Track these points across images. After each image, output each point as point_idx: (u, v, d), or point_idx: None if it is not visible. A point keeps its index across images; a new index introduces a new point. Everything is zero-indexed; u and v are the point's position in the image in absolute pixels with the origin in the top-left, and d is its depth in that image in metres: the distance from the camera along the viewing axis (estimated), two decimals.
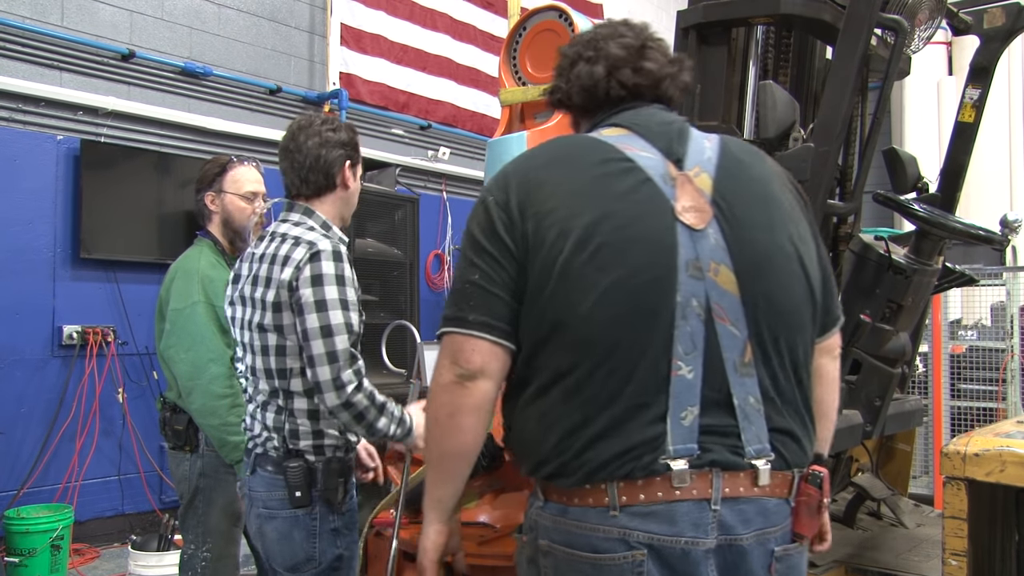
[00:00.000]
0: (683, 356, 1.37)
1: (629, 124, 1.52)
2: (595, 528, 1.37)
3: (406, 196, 6.13)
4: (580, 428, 1.38)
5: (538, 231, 1.41)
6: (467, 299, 1.45)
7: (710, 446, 1.37)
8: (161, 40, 5.52)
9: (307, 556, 2.14)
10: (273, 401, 2.16)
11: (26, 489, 4.49)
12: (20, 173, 4.81)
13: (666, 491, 1.35)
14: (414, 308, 5.76)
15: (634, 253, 1.38)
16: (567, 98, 1.61)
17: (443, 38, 7.28)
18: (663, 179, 1.43)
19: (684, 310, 1.37)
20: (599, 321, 1.37)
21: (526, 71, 2.48)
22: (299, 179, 2.22)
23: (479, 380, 1.45)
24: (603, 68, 1.55)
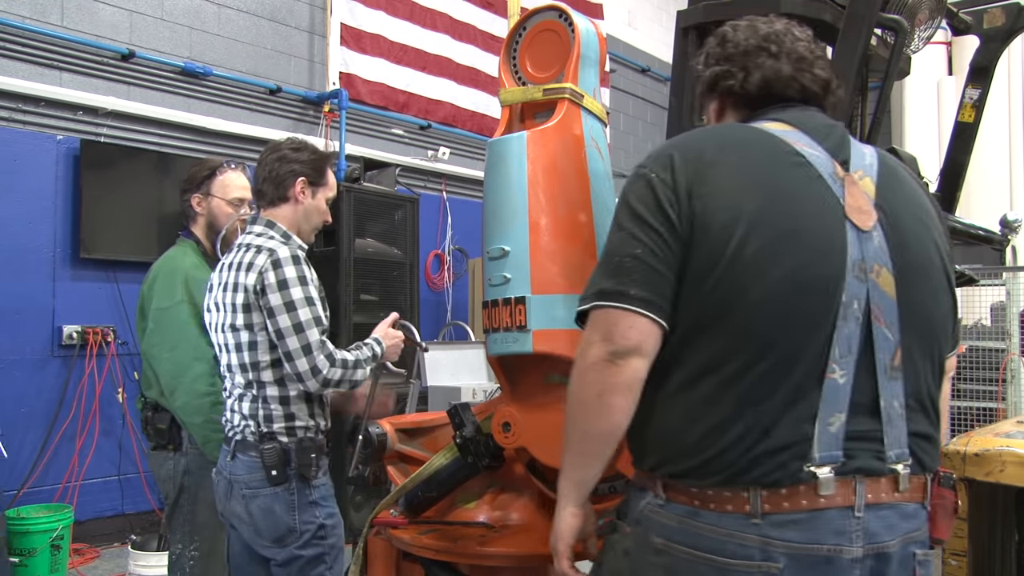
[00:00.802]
0: (838, 359, 1.35)
1: (795, 122, 1.49)
2: (731, 534, 1.33)
3: (406, 196, 6.13)
4: (728, 424, 1.34)
5: (707, 213, 1.37)
6: (628, 273, 1.40)
7: (855, 452, 1.35)
8: (161, 40, 5.52)
9: (289, 528, 2.39)
10: (248, 392, 2.42)
11: (26, 489, 4.49)
12: (20, 173, 4.81)
13: (811, 499, 1.32)
14: (414, 308, 5.76)
15: (806, 248, 1.36)
16: (741, 86, 1.56)
17: (443, 38, 7.28)
18: (832, 178, 1.41)
19: (846, 311, 1.35)
20: (766, 312, 1.34)
21: (526, 71, 2.48)
22: (257, 189, 2.53)
23: (632, 358, 1.39)
24: (789, 66, 1.53)
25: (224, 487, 2.49)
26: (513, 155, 2.30)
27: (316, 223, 2.60)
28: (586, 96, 2.38)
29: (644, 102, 9.74)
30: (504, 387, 2.46)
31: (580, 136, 2.36)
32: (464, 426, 2.53)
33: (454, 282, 7.32)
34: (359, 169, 5.83)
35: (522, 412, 2.40)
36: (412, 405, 4.83)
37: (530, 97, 2.42)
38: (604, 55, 2.49)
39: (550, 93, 2.36)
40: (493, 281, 2.36)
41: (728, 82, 1.57)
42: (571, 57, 2.36)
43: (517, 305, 2.27)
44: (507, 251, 2.32)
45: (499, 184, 2.34)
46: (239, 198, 2.95)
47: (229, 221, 2.92)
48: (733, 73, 1.56)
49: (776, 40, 1.55)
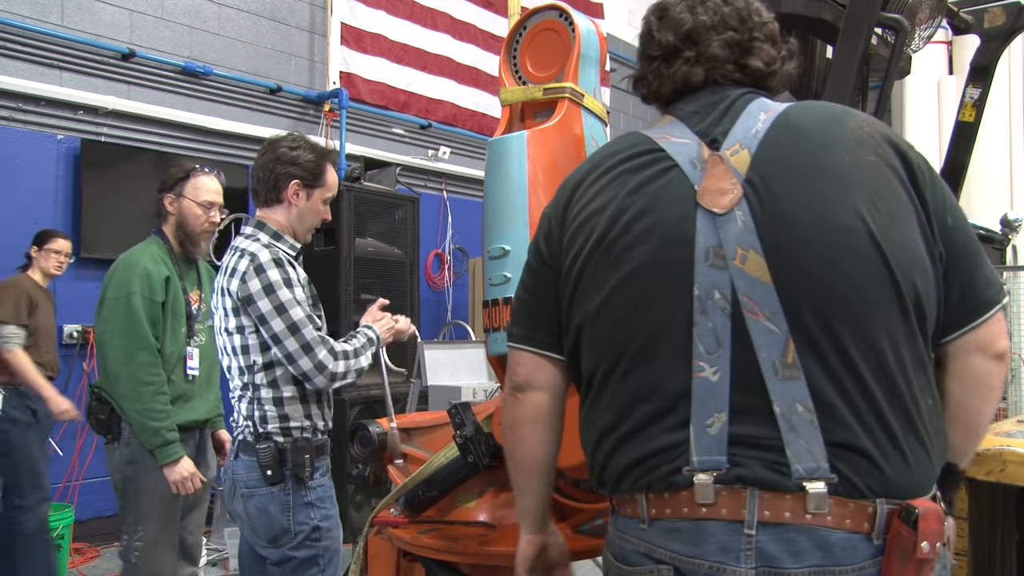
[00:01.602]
0: (705, 356, 1.22)
1: (676, 110, 1.42)
2: (628, 539, 1.30)
3: (406, 195, 6.12)
4: (606, 433, 1.32)
5: (568, 236, 1.39)
6: (515, 313, 1.48)
7: (742, 460, 1.19)
8: (161, 39, 5.52)
9: (283, 529, 2.39)
10: (245, 394, 2.43)
11: None
12: (20, 172, 4.81)
13: (691, 507, 1.21)
14: (414, 308, 5.76)
15: (644, 247, 1.28)
16: (655, 95, 1.48)
17: (443, 37, 7.28)
18: (692, 163, 1.30)
19: (704, 304, 1.23)
20: (609, 320, 1.31)
21: (526, 70, 2.48)
22: (253, 188, 2.53)
23: (528, 392, 1.43)
24: (702, 71, 1.40)
25: (229, 485, 2.51)
26: (513, 154, 2.30)
27: (311, 224, 2.58)
28: (586, 95, 2.39)
29: None
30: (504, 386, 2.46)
31: (580, 135, 2.36)
32: (464, 425, 2.54)
33: (454, 281, 7.31)
34: (359, 168, 5.83)
35: None
36: (412, 404, 4.83)
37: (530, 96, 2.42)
38: (604, 54, 2.49)
39: (550, 92, 2.36)
40: (493, 280, 2.36)
41: (642, 89, 1.51)
42: (571, 56, 2.36)
43: None
44: (507, 250, 2.32)
45: (499, 183, 2.35)
46: (209, 201, 3.04)
47: (198, 223, 3.01)
48: (647, 80, 1.48)
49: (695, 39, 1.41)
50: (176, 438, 2.84)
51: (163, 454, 2.80)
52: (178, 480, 2.82)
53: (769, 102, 1.37)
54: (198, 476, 2.88)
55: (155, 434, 2.78)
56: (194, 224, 3.01)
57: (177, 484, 2.83)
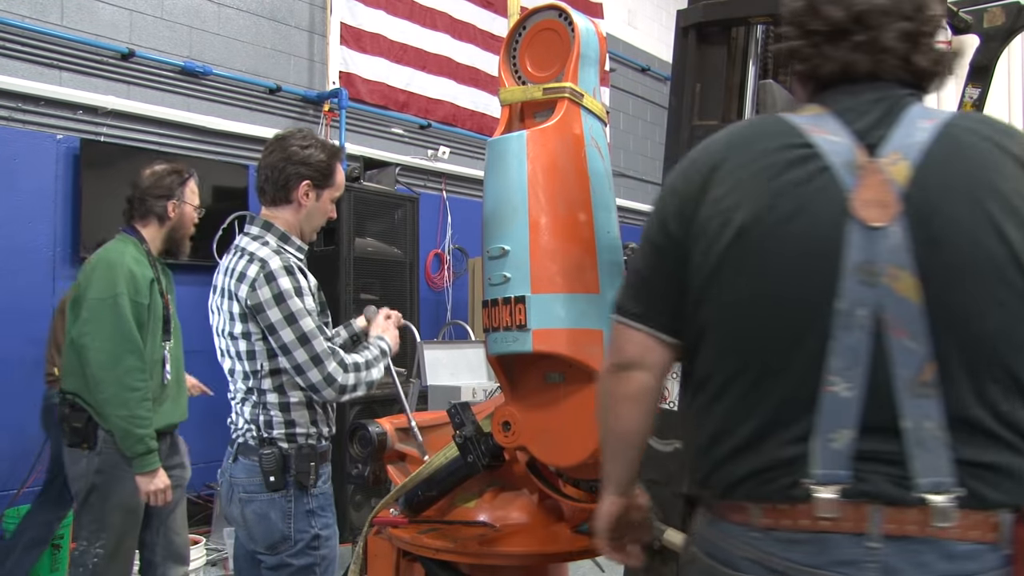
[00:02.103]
0: (840, 371, 1.21)
1: (833, 102, 1.33)
2: (736, 546, 1.28)
3: (406, 195, 6.12)
4: (721, 438, 1.30)
5: (703, 219, 1.31)
6: (631, 287, 1.42)
7: (867, 475, 1.20)
8: (161, 39, 5.52)
9: (283, 536, 2.35)
10: (249, 397, 2.39)
11: (26, 489, 4.48)
12: (20, 172, 4.81)
13: (812, 520, 1.21)
14: (414, 308, 5.76)
15: (790, 252, 1.24)
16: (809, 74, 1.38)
17: (443, 37, 7.28)
18: (846, 167, 1.24)
19: (847, 320, 1.20)
20: (741, 324, 1.27)
21: (526, 70, 2.48)
22: (259, 186, 2.45)
23: (633, 371, 1.40)
24: (869, 62, 1.32)
25: (226, 489, 2.48)
26: (513, 154, 2.30)
27: (319, 224, 2.55)
28: (586, 95, 2.38)
29: (644, 101, 9.74)
30: (504, 386, 2.46)
31: (580, 135, 2.36)
32: (464, 425, 2.54)
33: (454, 281, 7.31)
34: (359, 168, 5.83)
35: (522, 411, 2.40)
36: (412, 404, 4.84)
37: (530, 96, 2.42)
38: (604, 54, 2.49)
39: (550, 92, 2.36)
40: (493, 280, 2.36)
41: (799, 66, 1.41)
42: (571, 56, 2.36)
43: (517, 304, 2.28)
44: (507, 250, 2.32)
45: (499, 183, 2.35)
46: (198, 204, 3.11)
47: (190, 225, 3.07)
48: (807, 56, 1.37)
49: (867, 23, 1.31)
50: (156, 447, 2.80)
51: (143, 462, 2.76)
52: (152, 491, 2.79)
53: (931, 109, 1.32)
54: (170, 489, 2.85)
55: (139, 441, 2.73)
56: (188, 227, 3.05)
57: (150, 494, 2.79)
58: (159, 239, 3.02)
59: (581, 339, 2.33)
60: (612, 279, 2.43)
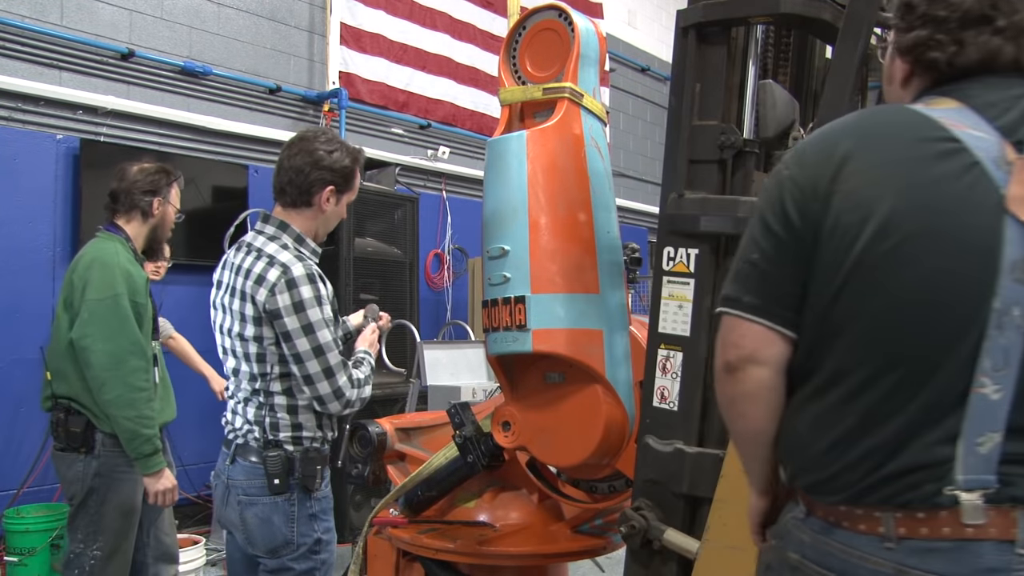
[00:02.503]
0: (990, 372, 1.17)
1: (964, 96, 1.28)
2: (864, 557, 1.22)
3: (406, 195, 6.12)
4: (855, 438, 1.24)
5: (835, 212, 1.24)
6: (745, 279, 1.34)
7: (1014, 479, 1.17)
8: (161, 39, 5.52)
9: (285, 540, 2.32)
10: (255, 398, 2.35)
11: (26, 488, 4.48)
12: (20, 172, 4.81)
13: (954, 527, 1.17)
14: (413, 308, 5.76)
15: (945, 249, 1.19)
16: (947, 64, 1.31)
17: (443, 37, 7.28)
18: (995, 163, 1.20)
19: (1001, 319, 1.16)
20: (894, 321, 1.21)
21: (526, 70, 2.48)
22: (280, 186, 2.40)
23: (749, 367, 1.32)
24: (1014, 45, 1.27)
25: (221, 491, 2.44)
26: (513, 154, 2.30)
27: (332, 227, 2.54)
28: (586, 95, 2.39)
29: (644, 101, 9.74)
30: (504, 386, 2.46)
31: (580, 135, 2.36)
32: (464, 425, 2.54)
33: (454, 281, 7.31)
34: None
35: (522, 411, 2.40)
36: (412, 404, 4.84)
37: (530, 96, 2.42)
38: (604, 54, 2.49)
39: (550, 92, 2.37)
40: (493, 280, 2.36)
41: (933, 54, 1.32)
42: (571, 56, 2.36)
43: (517, 304, 2.28)
44: (507, 250, 2.32)
45: (499, 183, 2.35)
46: (180, 209, 3.12)
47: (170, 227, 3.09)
48: (942, 44, 1.30)
49: (1008, 6, 1.27)
50: (161, 447, 2.79)
51: (150, 463, 2.74)
52: (160, 491, 2.78)
53: None
54: (176, 489, 2.84)
55: (146, 441, 2.71)
56: (167, 229, 3.07)
57: (158, 495, 2.78)
58: (142, 237, 2.99)
59: (581, 339, 2.33)
60: (612, 279, 2.43)
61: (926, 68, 1.35)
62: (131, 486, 2.82)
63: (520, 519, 2.64)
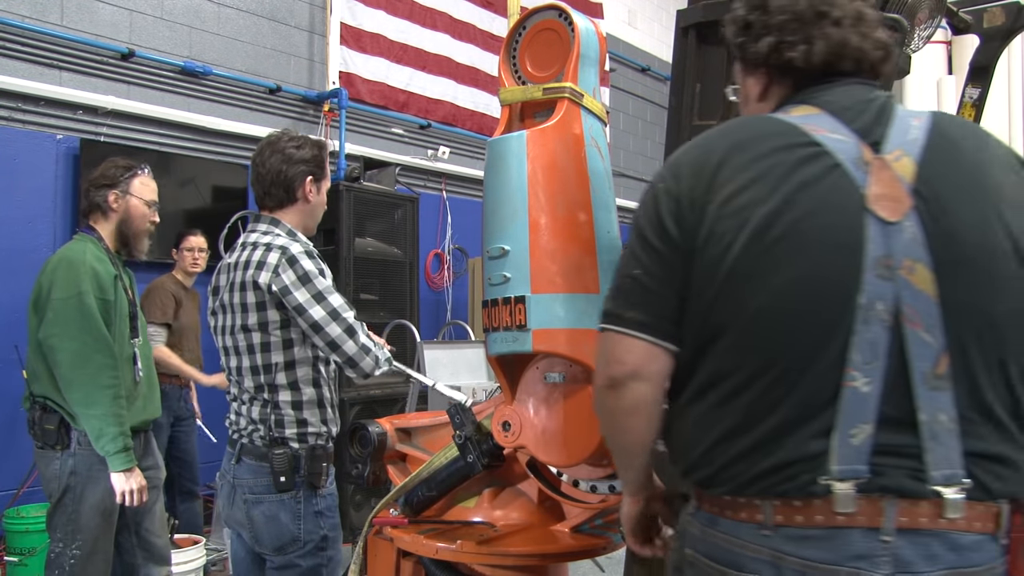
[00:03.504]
0: (860, 366, 1.21)
1: (821, 103, 1.34)
2: (744, 545, 1.27)
3: (406, 195, 6.12)
4: (735, 435, 1.28)
5: (710, 221, 1.28)
6: (626, 295, 1.36)
7: (884, 469, 1.21)
8: (161, 39, 5.52)
9: (293, 537, 2.36)
10: (259, 396, 2.37)
11: (26, 488, 4.48)
12: (20, 172, 4.81)
13: (827, 515, 1.21)
14: (414, 307, 5.76)
15: (812, 249, 1.23)
16: (804, 61, 1.37)
17: (443, 37, 7.28)
18: (855, 164, 1.26)
19: (866, 314, 1.21)
20: (766, 324, 1.25)
21: (526, 70, 2.48)
22: (263, 192, 2.47)
23: (631, 383, 1.35)
24: (855, 34, 1.35)
25: (227, 490, 2.46)
26: (513, 154, 2.30)
27: (319, 218, 2.60)
28: (586, 95, 2.39)
29: (644, 101, 9.74)
30: (504, 386, 2.46)
31: (580, 135, 2.36)
32: (464, 426, 2.54)
33: (454, 281, 7.31)
34: (359, 168, 5.83)
35: (522, 411, 2.40)
36: (412, 404, 4.84)
37: (530, 96, 2.42)
38: (604, 54, 2.49)
39: (550, 92, 2.36)
40: (493, 280, 2.36)
41: (789, 54, 1.38)
42: (571, 56, 2.36)
43: (517, 304, 2.27)
44: (507, 250, 2.32)
45: (499, 183, 2.35)
46: (153, 200, 3.03)
47: (143, 221, 2.98)
48: (794, 44, 1.36)
49: (839, 4, 1.35)
50: (131, 445, 2.76)
51: (119, 461, 2.71)
52: (127, 491, 2.74)
53: (911, 108, 1.36)
54: (146, 489, 2.80)
55: (112, 439, 2.69)
56: (140, 223, 2.97)
57: (125, 494, 2.75)
58: (111, 234, 2.95)
59: (581, 339, 2.33)
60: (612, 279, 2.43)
61: (784, 72, 1.40)
62: (108, 485, 2.78)
63: (520, 519, 2.64)
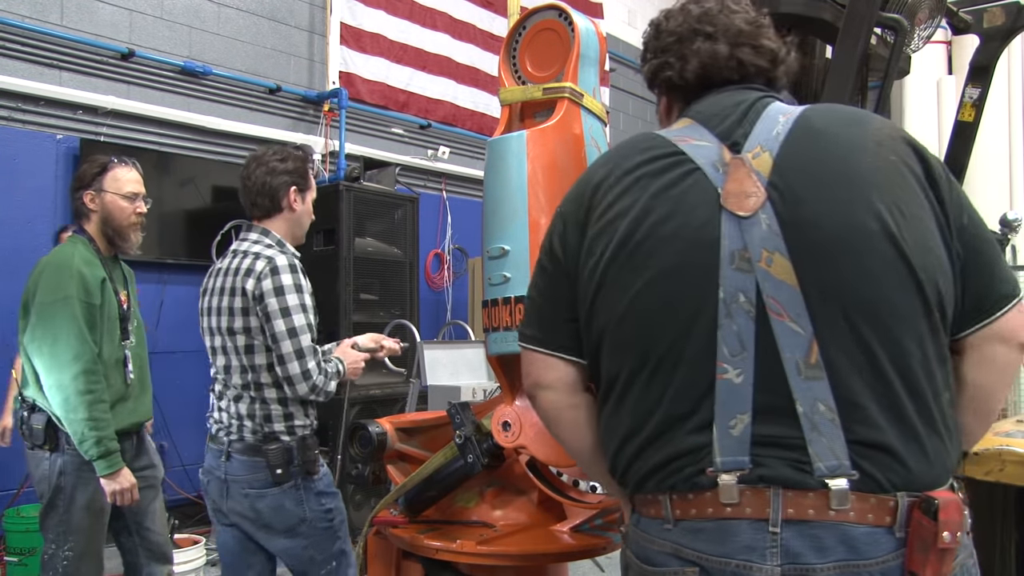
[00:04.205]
0: (729, 358, 1.24)
1: (693, 114, 1.42)
2: (652, 540, 1.31)
3: (406, 195, 6.12)
4: (630, 437, 1.34)
5: (588, 241, 1.37)
6: (527, 314, 1.49)
7: (765, 460, 1.22)
8: (161, 39, 5.52)
9: (300, 519, 2.50)
10: (246, 393, 2.49)
11: (26, 488, 4.48)
12: (20, 172, 4.81)
13: (716, 507, 1.23)
14: (414, 307, 5.76)
15: (669, 250, 1.29)
16: (679, 77, 1.46)
17: (443, 37, 7.28)
18: (714, 167, 1.31)
19: (729, 307, 1.25)
20: (633, 325, 1.31)
21: (526, 70, 2.48)
22: (250, 203, 2.61)
23: (542, 392, 1.46)
24: (726, 45, 1.42)
25: (217, 486, 2.52)
26: (513, 154, 2.30)
27: (306, 226, 2.70)
28: (586, 95, 2.39)
29: (644, 101, 9.74)
30: (504, 386, 2.46)
31: (580, 135, 2.36)
32: (463, 425, 2.54)
33: (454, 281, 7.31)
34: (359, 168, 5.83)
35: (521, 411, 2.40)
36: (412, 404, 4.84)
37: (530, 96, 2.42)
38: (604, 54, 2.49)
39: (550, 92, 2.37)
40: (493, 280, 2.36)
41: (666, 73, 1.49)
42: (571, 56, 2.36)
43: (517, 304, 2.28)
44: (507, 250, 2.32)
45: (499, 183, 2.35)
46: (133, 192, 2.96)
47: (125, 216, 2.92)
48: (671, 64, 1.47)
49: (710, 20, 1.45)
50: (117, 448, 2.75)
51: (104, 465, 2.71)
52: (117, 491, 2.75)
53: (787, 106, 1.39)
54: (136, 488, 2.80)
55: (96, 444, 2.69)
56: (121, 218, 2.92)
57: (116, 495, 2.75)
58: (98, 233, 2.92)
59: None
60: None
61: (671, 89, 1.51)
62: (98, 484, 2.78)
63: (520, 519, 2.64)
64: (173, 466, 5.01)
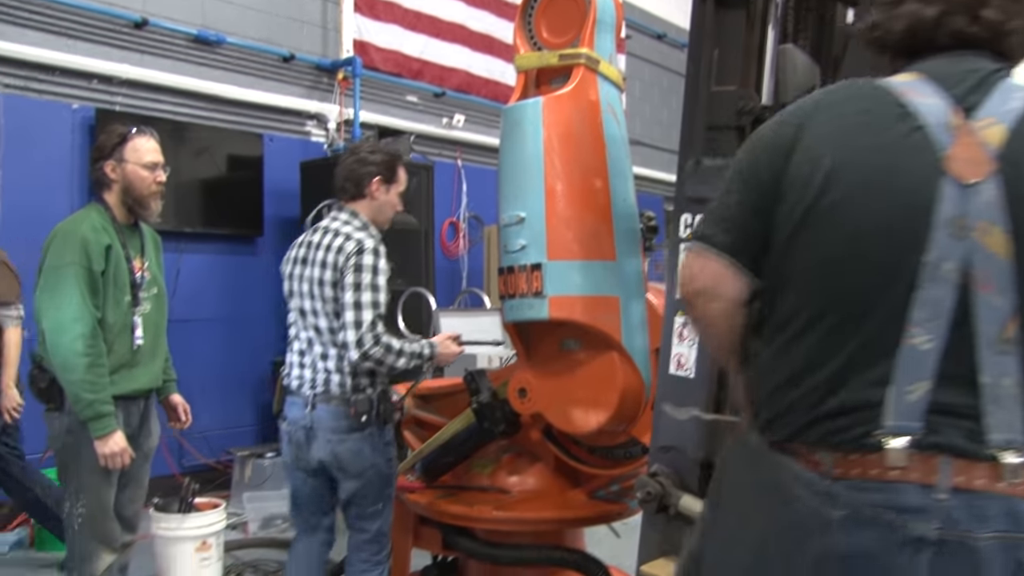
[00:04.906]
0: (921, 322, 1.23)
1: (928, 70, 1.37)
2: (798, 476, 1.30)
3: (420, 163, 6.11)
4: (798, 378, 1.32)
5: (793, 173, 1.35)
6: (717, 221, 1.44)
7: (939, 427, 1.22)
8: (174, 8, 5.50)
9: (372, 463, 2.72)
10: (333, 350, 2.73)
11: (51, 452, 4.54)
12: (36, 142, 4.82)
13: (881, 469, 1.23)
14: (429, 275, 5.77)
15: (878, 204, 1.27)
16: (885, 36, 1.44)
17: (457, 4, 7.21)
18: (941, 128, 1.28)
19: (933, 272, 1.23)
20: (831, 269, 1.30)
21: (541, 36, 2.46)
22: (339, 186, 2.89)
23: (701, 300, 1.45)
24: (935, 11, 1.37)
25: (302, 436, 2.74)
26: (529, 121, 2.29)
27: (389, 215, 2.91)
28: (602, 62, 2.37)
29: (660, 68, 9.65)
30: (520, 353, 2.47)
31: (596, 102, 2.35)
32: (480, 392, 2.56)
33: (469, 249, 7.31)
34: (373, 137, 5.81)
35: (538, 378, 2.42)
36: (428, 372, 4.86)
37: (545, 63, 2.40)
38: (620, 21, 2.47)
39: (566, 59, 2.35)
40: (509, 248, 2.36)
41: (875, 34, 1.46)
42: (587, 22, 2.34)
43: (533, 271, 2.28)
44: (523, 218, 2.32)
45: (515, 151, 2.34)
46: (153, 161, 2.97)
47: (145, 185, 2.93)
48: (880, 24, 1.45)
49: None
50: (110, 411, 2.78)
51: (95, 427, 2.77)
52: (107, 454, 2.78)
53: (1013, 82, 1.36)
54: (128, 452, 2.83)
55: (88, 406, 2.75)
56: (141, 187, 2.93)
57: (106, 457, 2.79)
58: (118, 203, 2.94)
59: (597, 306, 2.33)
60: (628, 246, 2.42)
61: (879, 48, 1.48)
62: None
63: (536, 485, 2.67)
64: (191, 433, 5.06)
